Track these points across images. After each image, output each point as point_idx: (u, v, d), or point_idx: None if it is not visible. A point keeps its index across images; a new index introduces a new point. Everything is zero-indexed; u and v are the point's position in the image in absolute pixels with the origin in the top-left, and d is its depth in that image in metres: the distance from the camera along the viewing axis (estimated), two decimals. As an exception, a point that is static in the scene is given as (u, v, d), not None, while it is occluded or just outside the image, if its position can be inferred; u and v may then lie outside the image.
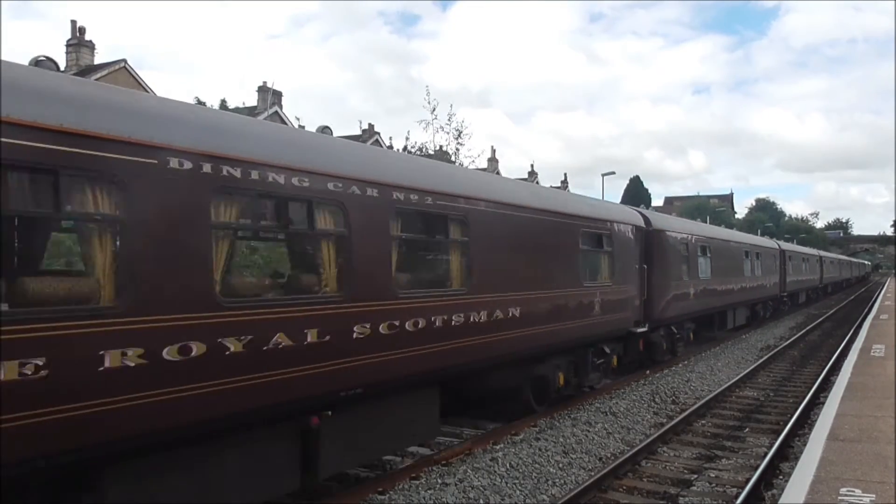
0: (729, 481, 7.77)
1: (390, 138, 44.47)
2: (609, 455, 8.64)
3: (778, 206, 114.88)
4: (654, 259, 13.45)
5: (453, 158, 29.66)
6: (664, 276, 13.88)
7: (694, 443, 9.44)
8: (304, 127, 37.43)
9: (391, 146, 41.47)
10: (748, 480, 7.43)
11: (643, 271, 12.83)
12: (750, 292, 22.85)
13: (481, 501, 6.83)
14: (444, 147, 30.39)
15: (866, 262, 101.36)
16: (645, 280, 12.85)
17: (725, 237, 21.80)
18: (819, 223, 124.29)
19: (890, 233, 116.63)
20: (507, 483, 7.34)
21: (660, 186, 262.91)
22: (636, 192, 71.87)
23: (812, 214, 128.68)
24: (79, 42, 31.50)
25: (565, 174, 74.74)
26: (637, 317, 12.58)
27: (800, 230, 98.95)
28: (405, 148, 32.46)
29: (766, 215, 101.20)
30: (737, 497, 6.98)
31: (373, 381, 6.41)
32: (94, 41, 32.16)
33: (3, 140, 3.89)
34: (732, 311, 21.26)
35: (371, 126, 45.82)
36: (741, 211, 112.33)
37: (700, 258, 16.86)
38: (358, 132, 44.51)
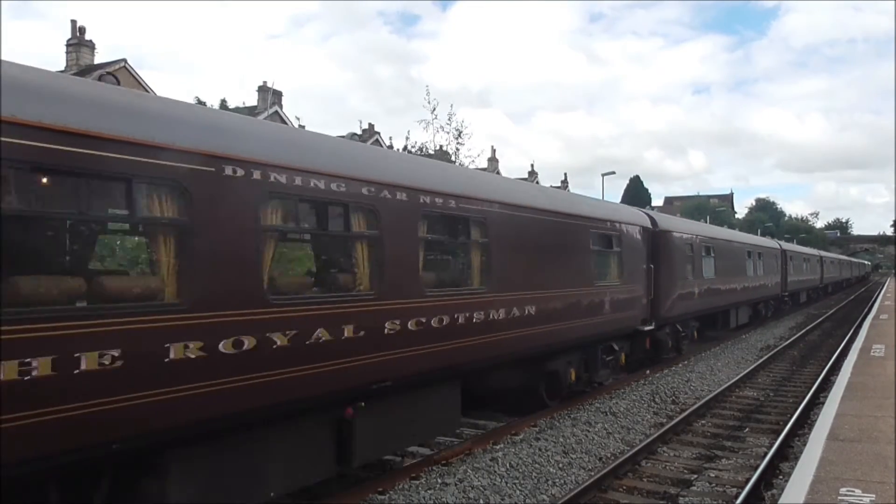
0: (729, 481, 7.82)
1: (390, 138, 44.72)
2: (609, 455, 8.72)
3: (778, 206, 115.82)
4: (661, 259, 13.87)
5: (453, 158, 29.94)
6: (670, 276, 14.33)
7: (694, 443, 9.50)
8: (304, 126, 37.86)
9: (391, 146, 41.77)
10: (748, 480, 7.49)
11: (650, 271, 13.28)
12: (752, 292, 23.34)
13: (481, 501, 6.89)
14: (443, 147, 30.77)
15: (866, 262, 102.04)
16: (652, 279, 13.30)
17: (728, 237, 22.29)
18: (819, 223, 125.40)
19: (890, 233, 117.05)
20: (507, 483, 7.40)
21: (660, 186, 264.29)
22: (636, 192, 72.25)
23: (812, 214, 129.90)
24: (79, 42, 31.75)
25: (565, 174, 75.13)
26: (644, 315, 13.05)
27: (800, 230, 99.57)
28: (405, 148, 32.74)
29: (766, 215, 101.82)
30: (737, 497, 7.03)
31: (401, 374, 6.87)
32: (94, 41, 32.45)
33: (111, 155, 4.43)
34: (735, 311, 21.76)
35: (371, 126, 46.12)
36: (741, 211, 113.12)
37: (704, 258, 17.33)
38: (358, 132, 44.86)
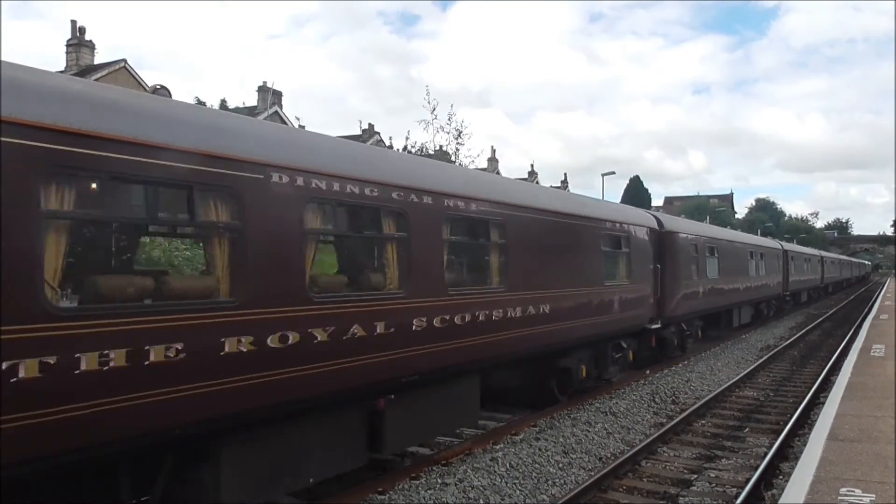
0: (729, 481, 7.89)
1: (390, 138, 45.03)
2: (609, 455, 8.80)
3: (778, 206, 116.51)
4: (667, 259, 14.35)
5: (453, 158, 30.37)
6: (675, 276, 14.82)
7: (694, 443, 9.59)
8: (304, 127, 38.28)
9: (391, 146, 42.17)
10: (748, 480, 7.55)
11: (657, 271, 13.76)
12: (754, 291, 23.86)
13: (481, 501, 6.97)
14: (443, 147, 31.16)
15: (866, 262, 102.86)
16: (658, 279, 13.79)
17: (731, 238, 22.81)
18: (819, 223, 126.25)
19: (890, 233, 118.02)
20: (507, 483, 7.48)
21: (660, 186, 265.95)
22: (636, 192, 72.48)
23: (812, 214, 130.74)
24: (79, 42, 31.95)
25: (565, 174, 75.64)
26: (651, 314, 13.54)
27: (800, 230, 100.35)
28: (405, 148, 33.12)
29: (766, 215, 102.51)
30: (737, 497, 7.09)
31: (428, 368, 7.32)
32: (94, 41, 32.63)
33: (177, 164, 4.88)
34: (738, 310, 22.28)
35: (371, 126, 46.55)
36: (741, 211, 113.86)
37: (708, 258, 17.82)
38: (358, 132, 45.26)
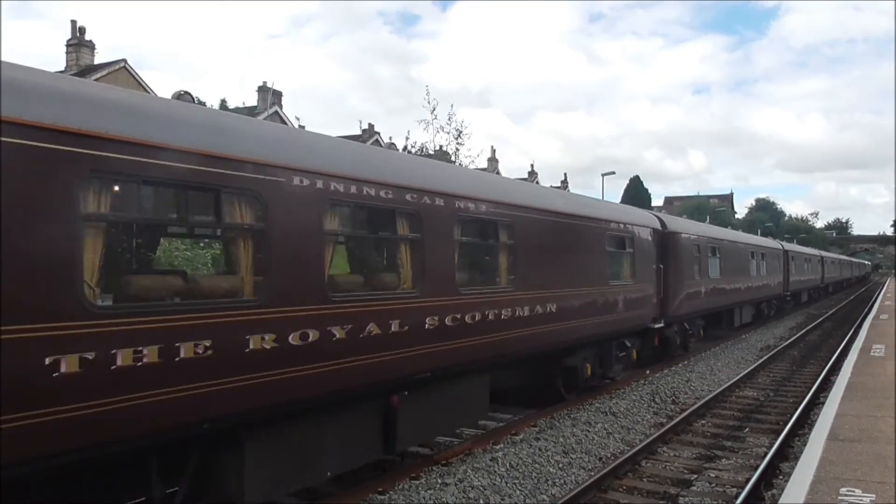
0: (729, 481, 7.94)
1: (390, 138, 45.31)
2: (609, 455, 8.86)
3: (778, 206, 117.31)
4: (669, 259, 14.65)
5: (453, 158, 30.62)
6: (678, 276, 15.12)
7: (694, 443, 9.65)
8: (304, 127, 38.51)
9: (391, 146, 42.41)
10: (748, 480, 7.60)
11: (660, 271, 14.06)
12: (756, 291, 24.21)
13: (481, 501, 7.02)
14: (443, 147, 31.40)
15: (866, 262, 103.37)
16: (661, 279, 14.09)
17: (733, 238, 23.14)
18: (819, 223, 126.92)
19: (890, 233, 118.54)
20: (507, 483, 7.54)
21: (660, 186, 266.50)
22: (636, 192, 72.82)
23: (812, 214, 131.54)
24: (79, 42, 32.15)
25: (565, 174, 75.96)
26: (654, 313, 13.84)
27: (800, 230, 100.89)
28: (405, 148, 33.33)
29: (766, 215, 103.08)
30: (737, 497, 7.14)
31: (440, 366, 7.59)
32: (94, 41, 32.86)
33: (206, 169, 5.17)
34: (739, 310, 22.64)
35: (371, 126, 46.81)
36: (741, 211, 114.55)
37: (710, 259, 18.14)
38: (358, 132, 45.52)
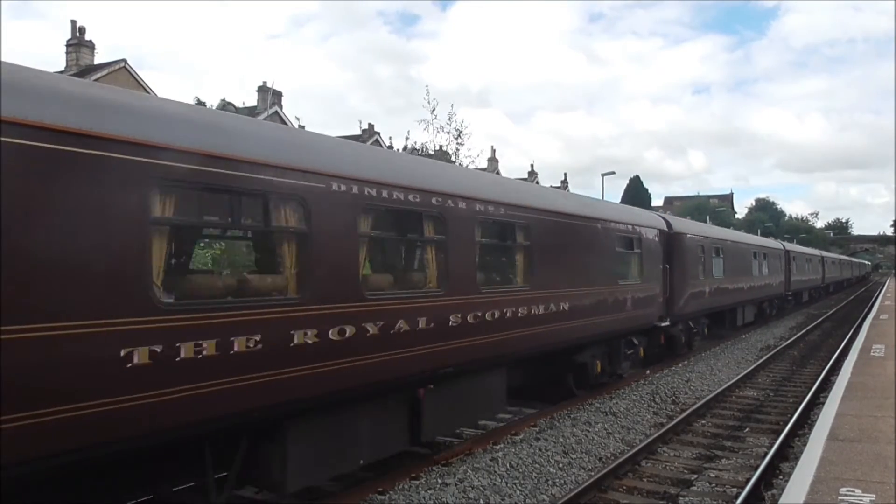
0: (729, 481, 8.00)
1: (390, 138, 45.66)
2: (609, 455, 8.94)
3: (778, 206, 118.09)
4: (675, 260, 15.14)
5: (453, 158, 31.04)
6: (683, 276, 15.62)
7: (694, 443, 9.73)
8: (304, 127, 38.91)
9: (391, 146, 42.79)
10: (748, 480, 7.66)
11: (666, 271, 14.55)
12: (758, 291, 24.76)
13: (481, 501, 7.10)
14: (443, 147, 31.82)
15: (866, 262, 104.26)
16: (667, 279, 14.58)
17: (736, 239, 23.70)
18: (819, 223, 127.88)
19: (890, 233, 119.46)
20: (507, 483, 7.62)
21: (660, 186, 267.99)
22: (636, 192, 73.21)
23: (812, 214, 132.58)
24: (79, 42, 32.41)
25: (565, 174, 76.46)
26: (661, 312, 14.34)
27: (800, 230, 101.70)
28: (405, 148, 33.73)
29: (766, 215, 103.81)
30: (737, 497, 7.20)
31: (462, 361, 8.04)
32: (94, 41, 33.11)
33: (257, 176, 5.60)
34: (742, 309, 23.19)
35: (371, 126, 47.18)
36: (741, 211, 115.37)
37: (714, 259, 18.66)
38: (358, 132, 45.91)
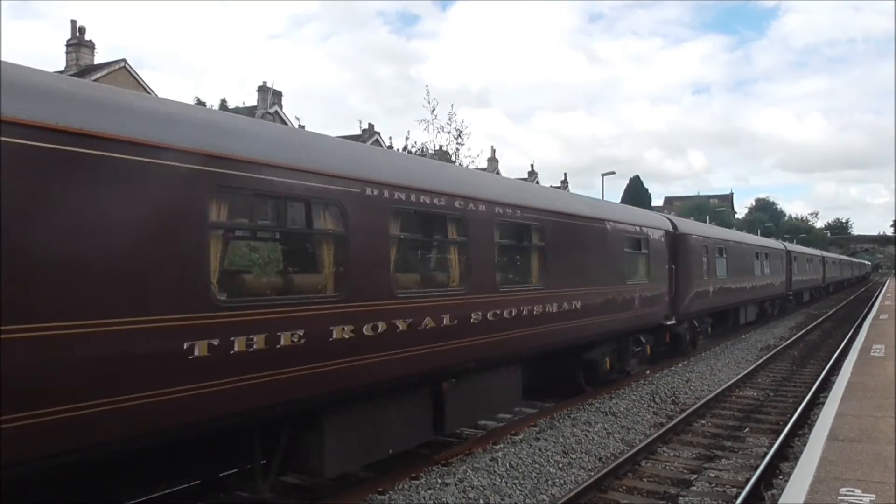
0: (729, 481, 8.07)
1: (390, 138, 45.98)
2: (609, 455, 9.02)
3: (778, 206, 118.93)
4: (680, 260, 15.65)
5: (453, 158, 31.48)
6: (688, 276, 16.13)
7: (694, 443, 9.81)
8: (304, 127, 39.33)
9: (391, 146, 43.18)
10: (748, 480, 7.73)
11: (671, 271, 15.04)
12: (760, 291, 25.31)
13: (481, 501, 7.17)
14: (444, 147, 32.25)
15: (866, 262, 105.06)
16: (672, 278, 15.07)
17: (739, 239, 24.27)
18: (819, 223, 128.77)
19: (890, 233, 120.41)
20: (507, 483, 7.70)
21: (660, 186, 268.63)
22: (636, 192, 73.68)
23: (812, 214, 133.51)
24: (79, 42, 32.71)
25: (565, 174, 77.00)
26: (667, 311, 14.84)
27: (800, 230, 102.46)
28: (405, 148, 34.16)
29: (766, 215, 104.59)
30: (737, 497, 7.26)
31: (483, 357, 8.49)
32: (94, 41, 33.43)
33: (300, 182, 6.01)
34: (744, 308, 23.75)
35: (371, 126, 47.58)
36: (741, 211, 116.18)
37: (718, 259, 19.17)
38: (358, 132, 46.30)
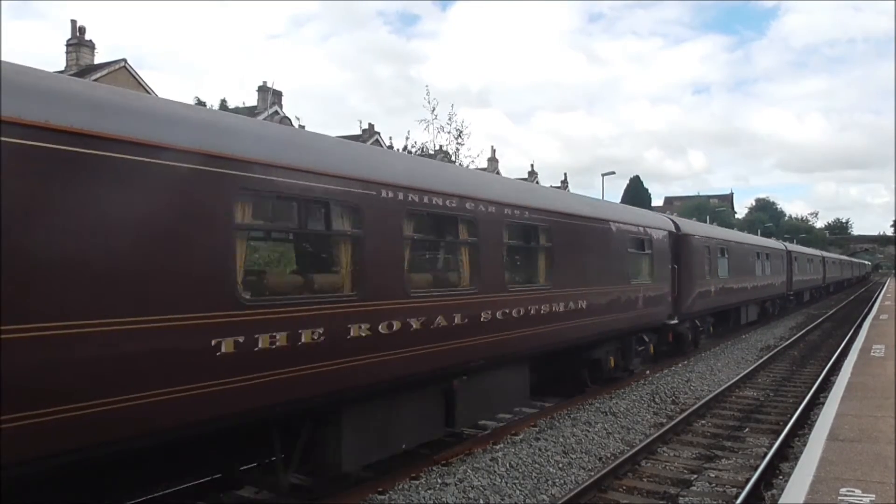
0: (729, 481, 8.12)
1: (390, 138, 46.23)
2: (609, 455, 9.08)
3: (778, 206, 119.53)
4: (683, 260, 15.99)
5: (453, 158, 31.79)
6: (690, 276, 16.48)
7: (694, 443, 9.87)
8: (304, 127, 39.57)
9: (391, 146, 43.46)
10: (748, 480, 7.77)
11: (674, 271, 15.39)
12: (761, 291, 25.71)
13: (481, 501, 7.23)
14: (443, 147, 32.53)
15: (866, 262, 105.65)
16: (675, 278, 15.42)
17: (740, 240, 24.66)
18: (819, 223, 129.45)
19: (890, 233, 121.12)
20: (507, 483, 7.75)
21: (660, 186, 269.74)
22: (636, 192, 74.02)
23: (812, 214, 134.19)
24: (79, 42, 32.94)
25: (565, 174, 77.25)
26: (669, 311, 15.20)
27: (799, 230, 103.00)
28: (405, 148, 34.42)
29: (766, 215, 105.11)
30: (737, 497, 7.31)
31: (492, 355, 8.81)
32: (94, 41, 33.66)
33: (320, 185, 6.33)
34: (746, 308, 24.13)
35: (371, 126, 47.90)
36: (741, 211, 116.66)
37: (719, 259, 19.53)
38: (358, 132, 46.60)
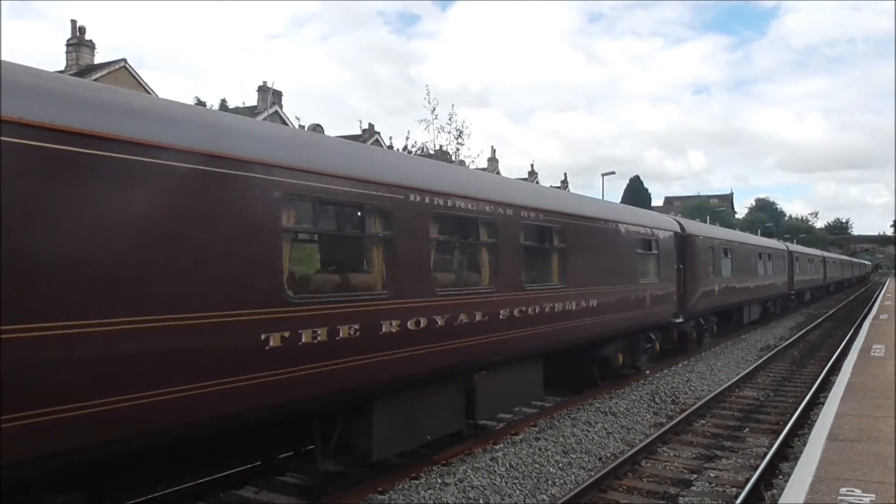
0: (729, 481, 8.17)
1: (390, 138, 46.69)
2: (609, 455, 9.15)
3: (778, 206, 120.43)
4: (687, 260, 16.48)
5: (453, 158, 32.17)
6: (695, 275, 16.96)
7: (694, 443, 9.94)
8: (303, 127, 39.84)
9: (391, 146, 43.83)
10: (748, 480, 7.82)
11: (679, 270, 15.87)
12: (763, 290, 26.25)
13: (481, 501, 7.28)
14: (444, 147, 32.91)
15: (866, 262, 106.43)
16: (680, 278, 15.90)
17: (743, 240, 25.18)
18: (819, 223, 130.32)
19: (890, 233, 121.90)
20: (507, 483, 7.81)
21: (660, 186, 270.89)
22: (636, 192, 74.61)
23: (812, 214, 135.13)
24: (79, 42, 33.24)
25: (565, 174, 77.85)
26: (675, 309, 15.68)
27: (800, 230, 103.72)
28: (405, 148, 34.79)
29: (766, 215, 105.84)
30: (737, 497, 7.35)
31: (509, 351, 9.23)
32: (94, 41, 34.00)
33: (354, 190, 6.74)
34: (748, 307, 24.66)
35: (371, 126, 48.29)
36: (741, 211, 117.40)
37: (723, 259, 20.02)
38: (358, 132, 46.98)
